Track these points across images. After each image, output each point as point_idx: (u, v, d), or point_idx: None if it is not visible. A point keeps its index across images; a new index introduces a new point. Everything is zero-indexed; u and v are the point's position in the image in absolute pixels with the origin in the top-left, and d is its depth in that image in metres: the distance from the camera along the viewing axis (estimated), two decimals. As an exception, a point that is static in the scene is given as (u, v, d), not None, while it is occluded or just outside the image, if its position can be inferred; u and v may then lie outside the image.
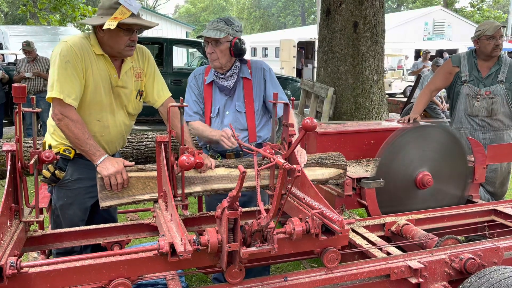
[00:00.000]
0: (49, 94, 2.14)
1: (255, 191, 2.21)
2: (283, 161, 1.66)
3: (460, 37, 24.91)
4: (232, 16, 2.69)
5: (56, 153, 2.26)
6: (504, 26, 3.51)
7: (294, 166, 1.60)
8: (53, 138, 2.34)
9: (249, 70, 2.73)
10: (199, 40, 2.41)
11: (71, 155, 2.29)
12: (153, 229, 2.21)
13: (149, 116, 7.48)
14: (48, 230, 2.16)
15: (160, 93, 2.51)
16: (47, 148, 2.25)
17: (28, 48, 7.45)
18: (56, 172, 2.27)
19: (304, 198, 2.04)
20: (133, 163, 2.20)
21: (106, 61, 2.28)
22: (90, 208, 2.43)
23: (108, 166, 2.08)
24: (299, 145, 2.23)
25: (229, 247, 1.62)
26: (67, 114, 2.13)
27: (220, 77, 2.69)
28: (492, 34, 3.48)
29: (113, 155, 2.41)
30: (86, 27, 15.14)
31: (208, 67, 2.76)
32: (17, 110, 1.95)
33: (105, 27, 2.10)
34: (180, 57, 23.38)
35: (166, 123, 2.20)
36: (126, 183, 2.11)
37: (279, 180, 1.64)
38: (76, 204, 2.37)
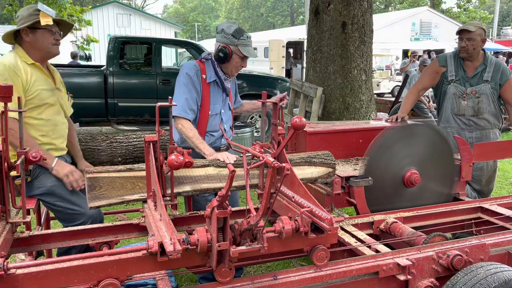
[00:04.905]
0: None
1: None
2: (272, 159, 1.67)
3: (446, 37, 25.22)
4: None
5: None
6: (482, 29, 3.51)
7: (283, 164, 1.61)
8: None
9: None
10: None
11: None
12: (142, 229, 2.20)
13: (137, 116, 7.41)
14: (36, 231, 2.14)
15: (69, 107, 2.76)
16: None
17: None
18: None
19: (293, 197, 2.05)
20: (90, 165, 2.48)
21: (39, 68, 2.48)
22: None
23: (63, 166, 2.37)
24: None
25: (219, 246, 1.63)
26: (11, 124, 2.20)
27: (226, 79, 2.85)
28: (459, 35, 3.54)
29: (62, 155, 2.59)
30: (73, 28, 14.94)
31: (203, 65, 2.79)
32: (2, 110, 1.91)
33: (42, 23, 2.36)
34: (169, 57, 23.27)
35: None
36: (81, 181, 2.39)
37: (268, 178, 1.64)
38: (61, 182, 2.45)
